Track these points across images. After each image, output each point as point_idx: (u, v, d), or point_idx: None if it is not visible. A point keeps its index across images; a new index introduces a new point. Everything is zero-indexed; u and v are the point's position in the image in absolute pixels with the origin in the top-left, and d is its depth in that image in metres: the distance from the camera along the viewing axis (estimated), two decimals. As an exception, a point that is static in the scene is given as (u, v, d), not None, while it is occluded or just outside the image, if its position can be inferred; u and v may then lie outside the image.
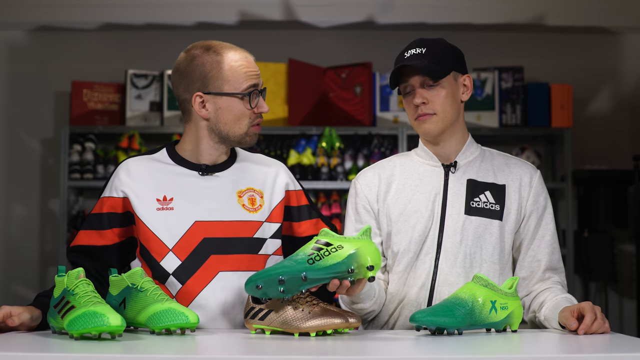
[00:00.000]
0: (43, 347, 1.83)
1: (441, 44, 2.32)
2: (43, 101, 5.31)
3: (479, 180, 2.33)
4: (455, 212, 2.30)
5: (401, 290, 2.32)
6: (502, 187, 2.33)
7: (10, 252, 5.28)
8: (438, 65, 2.27)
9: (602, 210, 5.04)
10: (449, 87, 2.30)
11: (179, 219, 2.26)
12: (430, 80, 2.28)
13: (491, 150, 2.45)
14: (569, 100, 5.03)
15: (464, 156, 2.37)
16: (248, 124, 2.30)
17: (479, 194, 2.32)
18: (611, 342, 1.93)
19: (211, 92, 2.27)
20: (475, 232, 2.28)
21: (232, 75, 2.26)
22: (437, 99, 2.29)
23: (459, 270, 2.27)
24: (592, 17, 5.21)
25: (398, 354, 1.84)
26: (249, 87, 2.28)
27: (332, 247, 2.00)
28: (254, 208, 2.32)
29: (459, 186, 2.32)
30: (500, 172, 2.36)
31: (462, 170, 2.35)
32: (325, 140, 4.96)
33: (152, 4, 5.15)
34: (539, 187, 2.36)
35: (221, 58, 2.27)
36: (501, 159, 2.40)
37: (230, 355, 1.81)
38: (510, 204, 2.32)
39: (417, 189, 2.35)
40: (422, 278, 2.29)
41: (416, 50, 2.29)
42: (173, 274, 2.24)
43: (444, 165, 2.36)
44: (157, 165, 2.34)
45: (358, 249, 1.99)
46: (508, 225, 2.31)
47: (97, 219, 2.31)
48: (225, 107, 2.28)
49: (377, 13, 5.19)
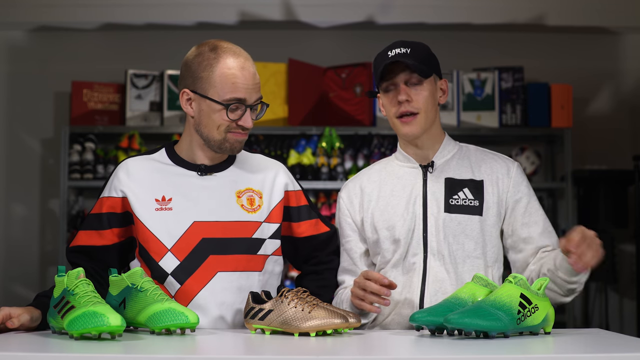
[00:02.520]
0: (43, 347, 1.83)
1: (422, 46, 2.39)
2: (43, 101, 5.31)
3: (457, 177, 2.38)
4: (436, 211, 2.34)
5: (395, 292, 2.33)
6: (479, 182, 2.37)
7: (10, 252, 5.27)
8: (423, 64, 2.33)
9: (602, 210, 5.04)
10: (430, 88, 2.36)
11: (178, 219, 2.26)
12: (414, 78, 2.33)
13: (468, 146, 2.49)
14: (569, 100, 5.03)
15: (440, 155, 2.42)
16: (225, 130, 2.26)
17: (457, 191, 2.36)
18: (611, 342, 1.94)
19: (197, 92, 2.26)
20: (456, 229, 2.33)
21: (220, 82, 2.23)
22: (421, 97, 2.34)
23: (447, 267, 2.32)
24: (592, 17, 5.21)
25: (398, 354, 1.84)
26: (233, 99, 2.23)
27: (533, 306, 2.00)
28: (253, 208, 2.31)
29: (438, 185, 2.37)
30: (477, 168, 2.40)
31: (440, 169, 2.40)
32: (325, 140, 4.96)
33: (152, 4, 5.15)
34: (517, 177, 2.39)
35: (217, 62, 2.24)
36: (479, 155, 2.44)
37: (230, 355, 1.81)
38: (489, 198, 2.36)
39: (398, 193, 2.40)
40: (414, 278, 2.33)
41: (401, 50, 2.34)
42: (172, 274, 2.24)
43: (421, 166, 2.41)
44: (156, 165, 2.34)
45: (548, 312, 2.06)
46: (489, 219, 2.35)
47: (96, 219, 2.31)
48: (205, 110, 2.26)
49: (377, 13, 5.19)
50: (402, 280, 2.34)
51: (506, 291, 2.00)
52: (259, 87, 2.28)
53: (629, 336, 2.04)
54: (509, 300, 1.97)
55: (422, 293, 2.31)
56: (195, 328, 2.02)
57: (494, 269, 2.37)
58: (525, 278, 2.05)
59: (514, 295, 1.98)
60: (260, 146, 4.93)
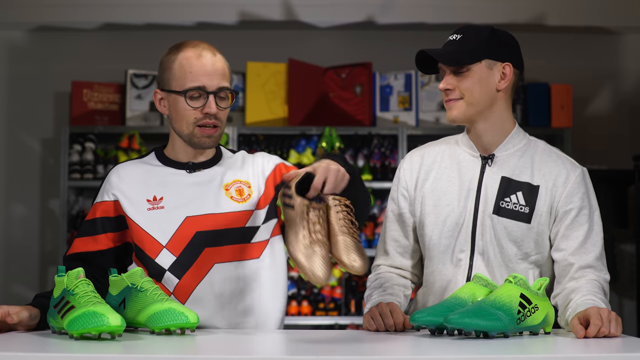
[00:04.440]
0: (43, 347, 1.83)
1: (480, 30, 2.29)
2: (43, 101, 5.31)
3: (514, 178, 2.29)
4: (486, 210, 2.27)
5: (434, 284, 2.32)
6: (535, 187, 2.28)
7: (10, 252, 5.28)
8: (464, 52, 2.25)
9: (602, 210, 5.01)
10: (479, 74, 2.26)
11: (171, 216, 2.28)
12: (456, 67, 2.26)
13: (537, 142, 2.39)
14: (569, 100, 5.03)
15: (504, 149, 2.32)
16: (193, 123, 2.28)
17: (511, 193, 2.27)
18: (611, 342, 1.93)
19: (164, 88, 2.32)
20: (501, 233, 2.25)
21: (178, 72, 2.28)
22: (464, 84, 2.26)
23: (491, 269, 2.26)
24: (592, 17, 5.21)
25: (398, 354, 1.84)
26: (191, 87, 2.26)
27: (533, 306, 1.99)
28: (243, 198, 2.33)
29: (493, 182, 2.29)
30: (537, 170, 2.30)
31: (499, 164, 2.31)
32: (325, 140, 4.96)
33: (152, 4, 5.15)
34: (574, 186, 2.28)
35: (177, 55, 2.30)
36: (544, 155, 2.35)
37: (230, 355, 1.81)
38: (541, 206, 2.26)
39: (453, 181, 2.32)
40: (458, 275, 2.28)
41: (453, 37, 2.30)
42: (169, 269, 2.25)
43: (482, 156, 2.33)
44: (146, 167, 2.37)
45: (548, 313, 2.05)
46: (537, 227, 2.26)
47: (90, 225, 2.33)
48: (173, 105, 2.31)
49: (377, 13, 5.19)
50: (451, 272, 2.30)
51: (506, 291, 1.99)
52: (222, 75, 2.28)
53: (629, 336, 2.04)
54: (509, 300, 1.97)
55: None
56: (195, 328, 2.02)
57: (536, 272, 2.28)
58: (526, 278, 2.05)
59: (513, 295, 1.98)
60: (260, 146, 4.94)
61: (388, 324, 2.15)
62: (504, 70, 2.29)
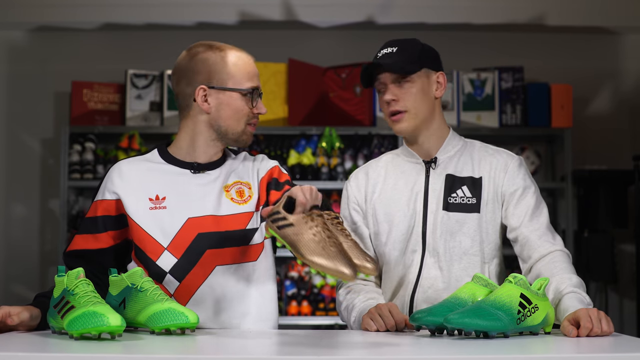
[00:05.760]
0: (43, 347, 1.83)
1: (413, 42, 2.41)
2: (43, 101, 5.31)
3: (457, 175, 2.39)
4: (435, 209, 2.36)
5: (391, 288, 2.39)
6: (478, 179, 2.39)
7: (10, 252, 5.27)
8: (407, 62, 2.34)
9: (602, 210, 5.03)
10: (420, 84, 2.37)
11: (172, 217, 2.27)
12: (399, 77, 2.35)
13: (473, 142, 2.50)
14: (569, 100, 5.03)
15: (444, 151, 2.43)
16: (246, 122, 2.34)
17: (456, 189, 2.38)
18: (611, 342, 1.94)
19: (215, 86, 2.31)
20: (453, 227, 2.34)
21: (236, 72, 2.31)
22: (408, 95, 2.36)
23: (441, 264, 2.34)
24: (592, 17, 5.21)
25: (398, 354, 1.84)
26: (251, 86, 2.33)
27: (533, 306, 2.00)
28: (244, 199, 2.34)
29: (439, 182, 2.39)
30: (477, 165, 2.41)
31: (443, 165, 2.41)
32: (325, 140, 4.97)
33: (152, 4, 5.15)
34: (514, 171, 2.39)
35: (225, 55, 2.32)
36: (482, 151, 2.45)
37: (230, 355, 1.81)
38: (486, 194, 2.37)
39: (400, 187, 2.42)
40: (410, 275, 2.36)
41: (388, 50, 2.38)
42: (170, 272, 2.24)
43: (424, 161, 2.42)
44: (148, 165, 2.36)
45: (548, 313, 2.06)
46: (487, 215, 2.36)
47: (92, 222, 2.32)
48: (226, 102, 2.32)
49: (377, 13, 5.19)
50: (398, 276, 2.37)
51: (506, 291, 2.00)
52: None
53: (629, 336, 2.04)
54: (509, 300, 1.97)
55: (414, 290, 2.34)
56: (195, 328, 2.02)
57: (492, 265, 2.37)
58: (525, 278, 2.05)
59: (514, 295, 1.99)
60: (260, 146, 4.93)
61: (389, 324, 2.16)
62: (438, 79, 2.42)
